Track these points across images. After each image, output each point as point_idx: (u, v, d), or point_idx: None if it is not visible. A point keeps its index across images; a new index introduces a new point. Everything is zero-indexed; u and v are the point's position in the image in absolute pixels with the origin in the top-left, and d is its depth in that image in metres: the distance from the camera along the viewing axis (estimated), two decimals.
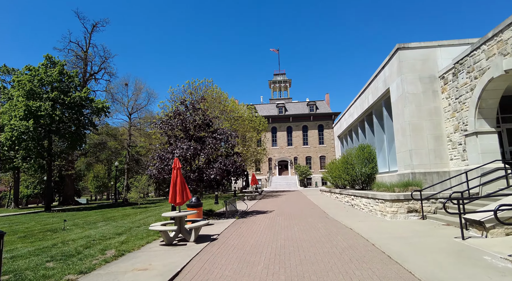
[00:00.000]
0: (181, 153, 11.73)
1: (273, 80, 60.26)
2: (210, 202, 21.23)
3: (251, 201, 22.00)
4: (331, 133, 50.52)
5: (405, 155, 12.05)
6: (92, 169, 47.40)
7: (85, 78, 29.95)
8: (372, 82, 16.15)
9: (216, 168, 12.10)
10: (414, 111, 11.82)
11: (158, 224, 8.33)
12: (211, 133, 13.58)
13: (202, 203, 10.95)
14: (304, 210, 14.45)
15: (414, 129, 11.74)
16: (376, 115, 16.65)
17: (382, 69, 14.30)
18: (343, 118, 24.15)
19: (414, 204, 9.72)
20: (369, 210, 12.02)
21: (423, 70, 12.01)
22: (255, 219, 11.73)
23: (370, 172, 16.29)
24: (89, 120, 23.06)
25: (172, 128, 12.85)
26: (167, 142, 13.15)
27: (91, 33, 30.43)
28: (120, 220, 13.30)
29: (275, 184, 45.50)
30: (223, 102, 25.31)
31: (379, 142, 16.53)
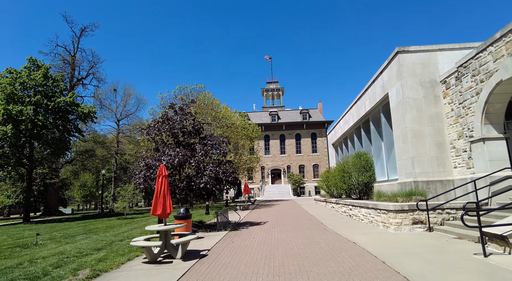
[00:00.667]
0: (169, 160, 10.90)
1: (266, 88, 60.03)
2: (200, 213, 20.26)
3: (243, 211, 21.11)
4: (324, 142, 50.20)
5: (406, 163, 11.47)
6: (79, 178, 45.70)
7: (72, 83, 28.88)
8: (369, 88, 15.71)
9: (206, 176, 11.29)
10: (415, 117, 11.32)
11: (141, 239, 7.45)
12: (201, 140, 12.81)
13: (191, 215, 10.09)
14: (300, 221, 13.68)
15: (416, 136, 11.21)
16: (374, 122, 16.16)
17: (380, 74, 13.87)
18: (338, 126, 23.68)
19: (420, 214, 9.09)
20: (369, 221, 11.34)
21: (423, 75, 11.58)
22: (248, 232, 10.89)
23: (367, 181, 15.72)
24: (75, 126, 21.98)
25: (160, 134, 12.04)
26: (154, 148, 12.30)
27: (80, 37, 29.61)
28: (102, 233, 12.27)
29: (268, 193, 44.61)
30: (216, 109, 24.62)
31: (377, 150, 15.99)
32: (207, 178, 11.32)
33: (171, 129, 11.94)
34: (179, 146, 12.31)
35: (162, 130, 11.95)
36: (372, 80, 15.02)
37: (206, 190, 11.69)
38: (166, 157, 11.02)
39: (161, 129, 11.96)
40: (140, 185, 11.36)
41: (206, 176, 11.41)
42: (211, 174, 11.45)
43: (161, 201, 7.42)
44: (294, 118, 52.51)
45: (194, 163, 11.48)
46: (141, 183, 11.32)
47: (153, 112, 22.55)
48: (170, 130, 11.98)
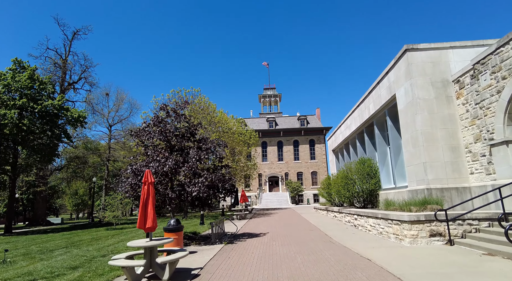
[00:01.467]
0: (159, 166, 9.90)
1: (263, 95, 59.41)
2: (195, 222, 19.14)
3: (240, 220, 20.01)
4: (323, 149, 49.39)
5: (418, 169, 10.58)
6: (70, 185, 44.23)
7: (63, 87, 27.83)
8: (373, 90, 14.92)
9: (200, 183, 10.28)
10: (426, 119, 10.48)
11: (123, 256, 6.40)
12: (196, 144, 11.84)
13: (183, 227, 9.06)
14: (302, 231, 12.66)
15: (428, 139, 10.36)
16: (378, 126, 15.33)
17: (386, 74, 13.09)
18: (339, 131, 22.86)
19: (437, 226, 8.14)
20: (379, 232, 10.36)
21: (434, 74, 10.80)
22: (246, 245, 9.85)
23: (372, 188, 14.80)
24: (64, 131, 20.88)
25: (150, 137, 11.05)
26: (144, 153, 11.31)
27: (72, 40, 28.70)
28: (85, 246, 11.14)
29: (266, 201, 43.46)
30: (212, 113, 23.72)
31: (382, 155, 15.11)
32: (201, 185, 10.31)
33: (162, 132, 10.97)
34: (171, 150, 11.33)
35: (153, 133, 10.97)
36: (377, 82, 14.24)
37: (199, 198, 10.67)
38: (155, 163, 10.03)
39: (151, 132, 10.99)
40: (126, 193, 10.32)
41: (200, 183, 10.41)
42: (205, 181, 10.45)
43: (150, 213, 6.41)
44: (292, 124, 51.76)
45: (187, 169, 10.49)
46: (128, 190, 10.29)
47: (145, 117, 21.65)
48: (162, 133, 11.01)
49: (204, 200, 10.84)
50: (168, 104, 11.60)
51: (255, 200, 46.78)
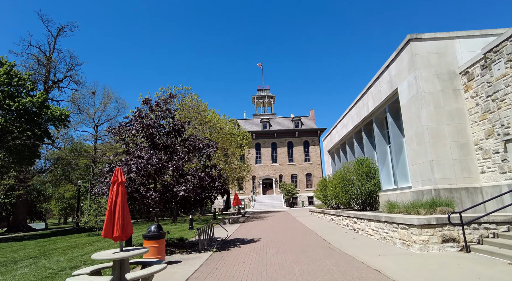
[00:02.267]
0: (140, 164, 8.86)
1: (256, 96, 58.58)
2: (184, 227, 18.03)
3: (232, 224, 18.97)
4: (317, 150, 48.68)
5: (424, 167, 9.75)
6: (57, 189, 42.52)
7: (47, 86, 26.46)
8: (372, 86, 14.13)
9: (186, 182, 9.27)
10: (432, 114, 9.68)
11: (87, 271, 5.35)
12: (182, 142, 10.84)
13: (165, 233, 8.03)
14: (298, 236, 11.71)
15: (434, 135, 9.55)
16: (378, 123, 14.53)
17: (387, 68, 12.30)
18: (335, 131, 22.06)
19: (451, 230, 7.28)
20: (382, 237, 9.47)
21: (440, 66, 10.03)
22: (237, 253, 8.86)
23: (371, 190, 13.97)
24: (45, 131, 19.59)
25: (132, 134, 10.01)
26: (125, 151, 10.26)
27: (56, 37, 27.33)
28: (57, 256, 10.00)
29: (259, 204, 42.43)
30: (203, 112, 22.70)
31: (382, 154, 14.31)
32: (189, 185, 9.30)
33: (144, 128, 9.94)
34: (155, 149, 10.30)
35: (134, 130, 9.93)
36: (377, 77, 13.46)
37: (186, 199, 9.65)
38: (136, 160, 8.98)
39: (132, 128, 9.94)
40: (104, 194, 9.25)
41: (186, 182, 9.40)
42: (193, 180, 9.44)
43: (118, 218, 5.38)
44: (286, 126, 50.98)
45: (172, 168, 9.46)
46: (105, 191, 9.22)
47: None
48: (144, 129, 9.98)
49: (192, 201, 9.81)
50: (151, 98, 10.57)
51: (249, 202, 45.72)
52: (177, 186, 9.30)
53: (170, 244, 11.30)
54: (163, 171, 9.75)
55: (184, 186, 9.20)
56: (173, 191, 9.16)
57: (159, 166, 9.29)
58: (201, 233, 9.80)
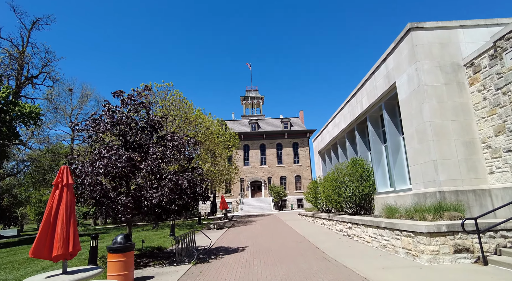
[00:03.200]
0: (107, 165, 7.63)
1: (245, 97, 57.54)
2: (165, 233, 16.70)
3: (218, 230, 17.76)
4: (307, 152, 47.98)
5: (426, 168, 8.89)
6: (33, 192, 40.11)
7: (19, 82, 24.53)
8: (367, 82, 13.30)
9: (163, 187, 8.09)
10: (435, 109, 8.85)
11: None
12: (159, 140, 9.64)
13: (134, 244, 6.82)
14: (288, 244, 10.66)
15: (438, 132, 8.71)
16: (372, 122, 13.70)
17: (384, 61, 11.47)
18: (326, 131, 21.22)
19: (463, 239, 6.37)
20: (381, 245, 8.53)
21: (443, 57, 9.23)
22: (220, 266, 7.72)
23: (366, 192, 13.09)
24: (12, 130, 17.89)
25: (100, 130, 8.74)
26: (91, 150, 8.97)
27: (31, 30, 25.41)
28: (8, 272, 8.58)
29: (248, 207, 41.26)
30: (188, 111, 21.43)
31: (377, 155, 13.47)
32: (166, 189, 8.11)
33: (114, 124, 8.70)
34: (127, 148, 9.07)
35: (102, 125, 8.68)
36: (372, 71, 12.62)
37: (161, 206, 8.44)
38: (102, 161, 7.74)
39: (100, 124, 8.69)
40: None
41: (162, 187, 8.20)
42: (170, 185, 8.26)
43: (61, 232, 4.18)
44: (275, 127, 50.11)
45: (145, 169, 8.26)
46: None
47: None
48: (114, 125, 8.74)
49: (169, 208, 8.61)
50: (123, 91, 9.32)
51: (237, 206, 44.48)
52: (150, 190, 8.09)
53: (145, 255, 10.06)
54: (137, 172, 8.53)
55: (159, 191, 8.02)
56: (147, 196, 7.94)
57: (130, 167, 8.07)
58: (179, 242, 8.61)
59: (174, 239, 8.47)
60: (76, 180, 7.82)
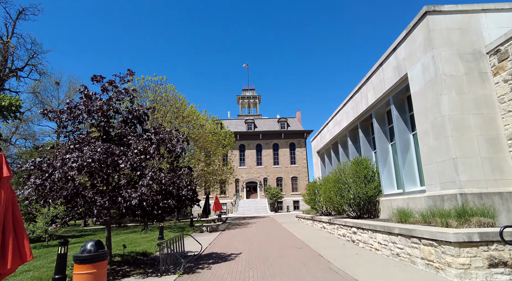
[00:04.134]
0: (78, 159, 6.52)
1: (241, 96, 56.50)
2: (154, 236, 15.54)
3: (211, 233, 16.66)
4: (304, 153, 47.05)
5: (445, 167, 7.92)
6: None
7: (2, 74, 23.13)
8: (373, 75, 12.34)
9: (144, 187, 6.99)
10: (455, 101, 7.89)
11: None
12: (145, 132, 8.54)
13: (107, 253, 5.71)
14: (288, 251, 9.61)
15: (458, 127, 7.75)
16: (378, 118, 12.74)
17: (394, 51, 10.52)
18: (326, 129, 20.25)
19: (499, 250, 5.38)
20: (394, 253, 7.53)
21: (463, 44, 8.29)
22: (210, 277, 6.64)
23: (371, 194, 12.12)
24: None
25: (76, 120, 7.63)
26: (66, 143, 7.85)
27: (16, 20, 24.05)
28: None
29: (243, 209, 40.15)
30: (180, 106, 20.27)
31: (383, 154, 12.51)
32: (144, 189, 7.01)
33: (91, 112, 7.59)
34: (107, 140, 7.97)
35: (78, 114, 7.56)
36: (379, 63, 11.67)
37: (142, 208, 7.34)
38: (73, 155, 6.63)
39: (75, 112, 7.57)
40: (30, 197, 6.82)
41: (144, 187, 7.10)
42: (151, 184, 7.16)
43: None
44: (272, 127, 49.11)
45: (124, 165, 7.15)
46: (32, 195, 6.80)
47: None
48: (91, 114, 7.63)
49: (151, 211, 7.50)
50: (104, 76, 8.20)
51: (231, 207, 43.34)
52: (129, 189, 6.99)
53: (128, 262, 8.93)
54: (117, 168, 7.43)
55: (139, 191, 6.92)
56: (125, 196, 6.84)
57: (106, 161, 6.96)
58: (163, 249, 7.50)
59: (158, 245, 7.36)
60: (42, 176, 6.69)
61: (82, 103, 7.67)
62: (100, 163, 6.82)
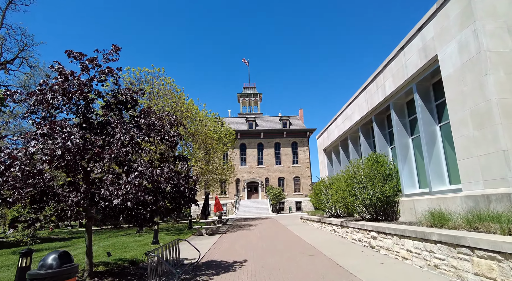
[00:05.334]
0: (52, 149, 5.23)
1: (242, 94, 55.20)
2: (148, 239, 14.25)
3: (211, 236, 15.35)
4: (306, 152, 45.73)
5: (490, 161, 6.63)
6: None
7: None
8: (392, 61, 11.06)
9: (128, 185, 5.69)
10: (503, 83, 6.61)
11: None
12: (132, 119, 7.25)
13: (76, 267, 4.43)
14: (299, 259, 8.30)
15: (508, 113, 6.46)
16: (397, 110, 11.47)
17: (419, 31, 9.24)
18: (334, 125, 18.95)
19: None
20: (431, 264, 6.24)
21: (510, 16, 7.00)
22: None
23: (390, 194, 10.85)
24: None
25: (48, 105, 6.33)
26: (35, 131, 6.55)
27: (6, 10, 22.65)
28: None
29: (244, 210, 38.83)
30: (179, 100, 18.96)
31: (402, 149, 11.23)
32: (130, 187, 5.70)
33: (66, 94, 6.29)
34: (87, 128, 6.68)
35: (50, 97, 6.27)
36: (400, 47, 10.38)
37: (127, 211, 6.05)
38: (40, 142, 5.34)
39: (48, 94, 6.28)
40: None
41: (129, 184, 5.79)
42: (138, 181, 5.86)
43: None
44: (273, 125, 47.79)
45: (107, 158, 5.85)
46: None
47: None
48: (65, 95, 6.33)
49: (138, 214, 6.20)
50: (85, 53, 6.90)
51: (232, 208, 42.02)
52: (111, 187, 5.69)
53: (112, 272, 7.62)
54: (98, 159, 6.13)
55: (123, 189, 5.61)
56: (103, 195, 5.54)
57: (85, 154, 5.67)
58: (152, 258, 6.20)
59: (146, 254, 6.06)
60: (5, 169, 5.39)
61: (57, 83, 6.37)
62: (76, 154, 5.53)
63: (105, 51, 7.00)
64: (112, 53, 6.97)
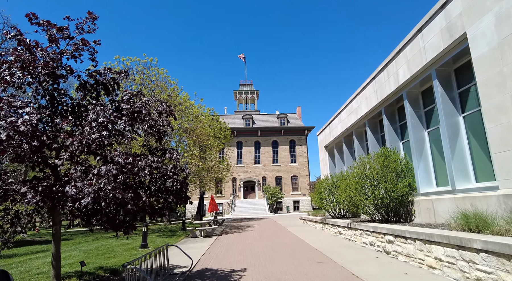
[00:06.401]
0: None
1: (239, 91, 54.02)
2: (136, 243, 13.04)
3: (205, 239, 14.19)
4: (304, 150, 44.72)
5: None
6: None
7: None
8: (407, 45, 9.99)
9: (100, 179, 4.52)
10: None
11: None
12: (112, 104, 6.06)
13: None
14: (307, 267, 7.19)
15: None
16: (412, 100, 10.42)
17: (443, 8, 8.17)
18: (337, 120, 17.89)
19: None
20: (470, 277, 5.18)
21: None
22: None
23: (403, 193, 9.81)
24: None
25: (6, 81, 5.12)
26: None
27: None
28: None
29: (240, 210, 37.70)
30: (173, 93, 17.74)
31: (418, 144, 10.19)
32: (105, 181, 4.54)
33: (26, 67, 5.10)
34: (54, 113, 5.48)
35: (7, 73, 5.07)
36: (418, 29, 9.31)
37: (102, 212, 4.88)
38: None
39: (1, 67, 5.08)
40: None
41: (102, 177, 4.62)
42: (116, 173, 4.69)
43: None
44: (271, 123, 46.69)
45: (76, 146, 4.68)
46: None
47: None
48: (28, 70, 5.13)
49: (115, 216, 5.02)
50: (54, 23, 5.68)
51: (228, 208, 40.85)
52: (80, 183, 4.52)
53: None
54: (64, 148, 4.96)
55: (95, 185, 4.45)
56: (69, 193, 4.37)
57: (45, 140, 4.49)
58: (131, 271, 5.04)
59: (123, 266, 4.90)
60: None
61: (15, 56, 5.15)
62: (32, 139, 4.34)
63: (79, 21, 5.79)
64: (86, 22, 5.77)
